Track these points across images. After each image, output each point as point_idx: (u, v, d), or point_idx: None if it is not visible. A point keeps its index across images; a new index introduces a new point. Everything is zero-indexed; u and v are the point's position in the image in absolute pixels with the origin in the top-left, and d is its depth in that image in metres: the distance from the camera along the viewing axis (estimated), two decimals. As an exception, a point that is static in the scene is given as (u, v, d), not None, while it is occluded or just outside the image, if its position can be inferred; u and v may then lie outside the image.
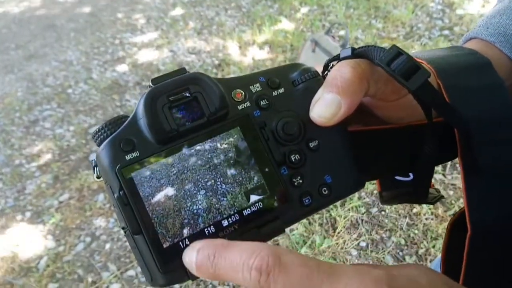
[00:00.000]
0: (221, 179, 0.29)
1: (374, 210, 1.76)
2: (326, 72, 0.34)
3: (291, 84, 0.33)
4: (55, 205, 2.03)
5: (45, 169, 2.22)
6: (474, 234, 0.30)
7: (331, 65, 0.33)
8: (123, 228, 0.29)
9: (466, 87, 0.32)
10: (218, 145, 0.29)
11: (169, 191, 0.28)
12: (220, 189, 0.29)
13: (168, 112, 0.29)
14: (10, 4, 4.03)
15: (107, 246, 1.82)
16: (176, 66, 2.87)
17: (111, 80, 2.82)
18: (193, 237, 0.28)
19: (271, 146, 0.31)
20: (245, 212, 0.29)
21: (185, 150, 0.29)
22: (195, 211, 0.28)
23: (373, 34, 2.89)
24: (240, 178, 0.29)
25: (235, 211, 0.29)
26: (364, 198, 1.81)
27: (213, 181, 0.29)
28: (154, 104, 0.29)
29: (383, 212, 1.74)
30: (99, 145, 0.30)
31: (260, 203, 0.29)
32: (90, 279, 1.70)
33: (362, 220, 1.75)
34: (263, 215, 0.29)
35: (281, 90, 0.33)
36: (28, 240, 1.89)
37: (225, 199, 0.29)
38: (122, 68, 2.94)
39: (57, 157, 2.28)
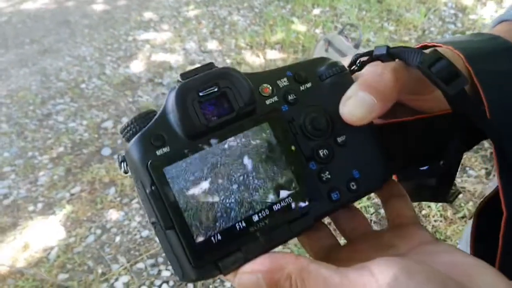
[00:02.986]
0: (253, 173, 0.29)
1: (383, 211, 1.76)
2: (354, 67, 0.34)
3: (318, 78, 0.33)
4: (66, 197, 2.05)
5: (58, 162, 2.24)
6: (510, 216, 0.30)
7: (359, 61, 0.34)
8: (153, 223, 0.29)
9: (495, 71, 0.31)
10: (248, 140, 0.30)
11: (201, 186, 0.28)
12: (251, 183, 0.29)
13: (198, 107, 0.29)
14: (25, 0, 4.08)
15: (117, 238, 1.84)
16: (188, 65, 2.89)
17: (124, 76, 2.85)
18: (225, 232, 0.28)
19: (300, 141, 0.31)
20: (275, 207, 0.29)
21: (215, 145, 0.29)
22: (227, 205, 0.29)
23: (385, 37, 2.89)
24: (271, 173, 0.30)
25: (265, 206, 0.29)
26: (374, 199, 1.81)
27: (245, 175, 0.29)
28: (184, 99, 0.29)
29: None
30: (128, 141, 0.30)
31: (289, 198, 0.30)
32: (100, 271, 1.72)
33: (371, 220, 1.76)
34: (292, 210, 0.30)
35: (308, 85, 0.33)
36: (39, 231, 1.91)
37: (256, 193, 0.29)
38: (135, 64, 2.97)
39: (69, 150, 2.31)
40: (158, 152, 0.28)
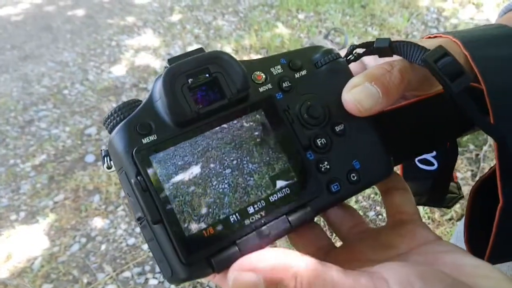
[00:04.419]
0: (247, 159, 0.28)
1: (371, 213, 1.77)
2: (350, 56, 0.33)
3: (314, 66, 0.32)
4: (50, 205, 2.01)
5: (40, 169, 2.20)
6: (506, 205, 0.30)
7: (355, 52, 0.33)
8: (138, 219, 0.27)
9: (495, 57, 0.31)
10: (241, 127, 0.28)
11: (191, 175, 0.26)
12: (245, 170, 0.27)
13: (187, 93, 0.27)
14: (6, 5, 4.01)
15: (103, 247, 1.81)
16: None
17: (107, 81, 2.81)
18: (218, 225, 0.26)
19: (296, 129, 0.30)
20: (272, 198, 0.27)
21: (206, 133, 0.27)
22: (220, 192, 0.27)
23: (369, 41, 2.91)
24: (266, 161, 0.28)
25: (261, 197, 0.27)
26: (362, 202, 1.81)
27: (238, 161, 0.27)
28: (172, 84, 0.27)
29: (380, 216, 1.75)
30: (110, 132, 0.28)
31: (286, 188, 0.28)
32: (85, 280, 1.68)
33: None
34: (290, 201, 0.28)
35: (304, 72, 0.32)
36: (22, 241, 1.86)
37: (251, 181, 0.27)
38: (119, 70, 2.93)
39: (52, 158, 2.27)
40: (144, 140, 0.27)
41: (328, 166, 0.30)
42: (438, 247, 0.29)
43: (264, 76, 0.31)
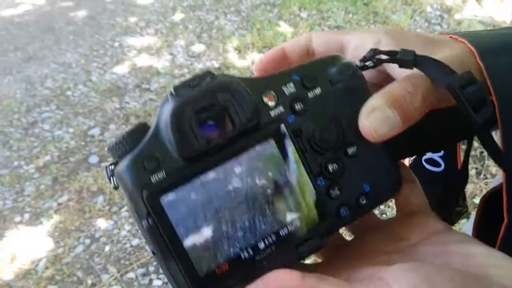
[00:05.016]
0: (258, 197, 0.27)
1: (375, 212, 1.76)
2: (368, 63, 0.31)
3: (329, 82, 0.29)
4: (54, 207, 2.01)
5: (44, 171, 2.20)
6: (510, 223, 0.30)
7: (375, 58, 0.31)
8: (152, 252, 0.27)
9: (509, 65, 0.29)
10: (252, 160, 0.27)
11: (202, 214, 0.26)
12: (257, 208, 0.27)
13: (196, 127, 0.26)
14: (8, 6, 4.02)
15: (107, 248, 1.81)
16: (175, 69, 2.87)
17: (110, 82, 2.81)
18: (230, 263, 0.26)
19: (308, 157, 0.28)
20: (282, 232, 0.27)
21: (215, 168, 0.26)
22: (231, 233, 0.26)
23: (372, 39, 2.90)
24: (278, 195, 0.27)
25: (272, 231, 0.27)
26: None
27: (250, 199, 0.27)
28: (179, 120, 0.25)
29: (384, 215, 1.74)
30: (117, 159, 0.27)
31: (297, 221, 0.28)
32: (89, 282, 1.69)
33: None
34: (300, 233, 0.28)
35: (318, 91, 0.29)
36: (26, 242, 1.87)
37: (261, 217, 0.27)
38: (122, 70, 2.93)
39: (56, 159, 2.27)
40: (153, 178, 0.26)
41: (338, 192, 0.29)
42: (448, 237, 0.29)
43: (275, 97, 0.28)
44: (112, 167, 0.28)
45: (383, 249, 0.30)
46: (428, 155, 0.44)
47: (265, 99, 0.28)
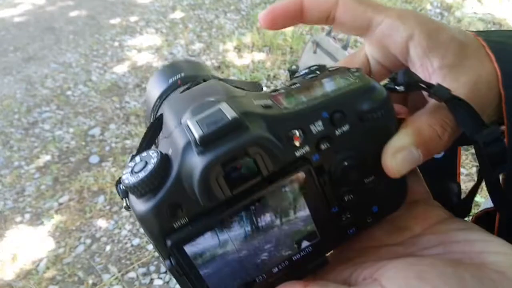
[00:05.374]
0: (276, 235, 0.27)
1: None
2: (400, 88, 0.29)
3: (358, 119, 0.28)
4: (54, 207, 2.01)
5: (45, 171, 2.20)
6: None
7: (407, 83, 0.29)
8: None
9: None
10: (273, 201, 0.26)
11: (225, 258, 0.27)
12: (275, 243, 0.28)
13: (222, 182, 0.24)
14: (8, 6, 4.02)
15: (108, 248, 1.81)
16: (175, 69, 2.86)
17: (110, 82, 2.81)
18: (245, 285, 0.28)
19: (327, 191, 0.28)
20: (295, 258, 0.29)
21: (239, 214, 0.26)
22: (250, 267, 0.28)
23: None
24: (295, 231, 0.28)
25: (285, 257, 0.28)
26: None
27: (269, 239, 0.27)
28: (207, 176, 0.24)
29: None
30: (137, 198, 0.26)
31: (310, 247, 0.29)
32: (90, 281, 1.69)
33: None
34: (312, 256, 0.29)
35: (346, 128, 0.27)
36: (27, 242, 1.87)
37: (279, 250, 0.28)
38: (122, 70, 2.93)
39: (56, 159, 2.27)
40: (176, 225, 0.25)
41: (349, 215, 0.29)
42: (450, 225, 0.29)
43: (302, 137, 0.27)
44: (123, 187, 0.26)
45: (386, 242, 0.31)
46: None
47: (292, 138, 0.27)
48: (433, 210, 0.31)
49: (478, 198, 1.62)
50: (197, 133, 0.24)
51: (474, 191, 0.36)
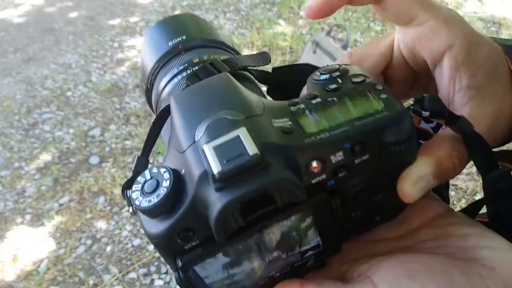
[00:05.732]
0: (285, 257, 0.28)
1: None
2: (424, 114, 0.28)
3: (379, 149, 0.26)
4: (55, 207, 2.01)
5: (45, 172, 2.20)
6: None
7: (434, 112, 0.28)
8: None
9: None
10: (285, 227, 0.26)
11: (232, 278, 0.27)
12: (285, 260, 0.28)
13: (237, 214, 0.24)
14: (7, 7, 4.02)
15: (108, 248, 1.81)
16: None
17: (110, 82, 2.81)
18: None
19: (337, 214, 0.28)
20: (296, 264, 0.29)
21: (250, 240, 0.26)
22: (256, 278, 0.28)
23: (371, 37, 2.89)
24: (304, 247, 0.28)
25: (289, 265, 0.29)
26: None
27: (277, 260, 0.28)
28: (225, 214, 0.23)
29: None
30: (150, 217, 0.26)
31: (312, 255, 0.29)
32: (91, 282, 1.69)
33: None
34: (313, 263, 0.29)
35: (365, 157, 0.26)
36: (28, 243, 1.87)
37: (285, 263, 0.28)
38: (122, 70, 2.93)
39: (56, 160, 2.27)
40: (187, 246, 0.25)
41: (352, 225, 0.30)
42: (448, 219, 0.29)
43: (320, 166, 0.26)
44: (130, 193, 0.26)
45: (386, 236, 0.31)
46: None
47: (311, 167, 0.26)
48: (431, 203, 0.31)
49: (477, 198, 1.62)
50: (216, 167, 0.22)
51: (473, 211, 0.36)
